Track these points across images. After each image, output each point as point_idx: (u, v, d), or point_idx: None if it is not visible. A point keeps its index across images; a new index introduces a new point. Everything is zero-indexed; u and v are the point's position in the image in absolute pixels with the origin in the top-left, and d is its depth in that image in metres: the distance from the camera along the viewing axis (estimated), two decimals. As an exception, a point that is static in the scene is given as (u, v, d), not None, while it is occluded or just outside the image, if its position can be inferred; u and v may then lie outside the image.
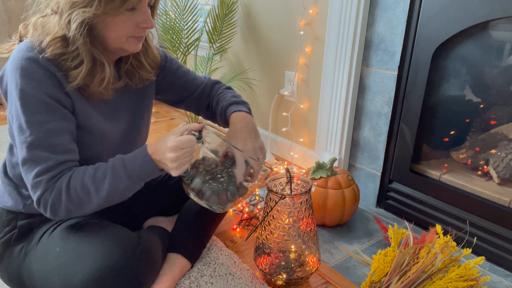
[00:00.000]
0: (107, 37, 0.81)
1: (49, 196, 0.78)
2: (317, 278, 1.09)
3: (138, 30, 0.82)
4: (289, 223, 0.98)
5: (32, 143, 0.77)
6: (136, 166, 0.80)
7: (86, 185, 0.78)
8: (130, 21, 0.80)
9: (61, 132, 0.79)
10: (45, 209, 0.80)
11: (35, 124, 0.77)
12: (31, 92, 0.76)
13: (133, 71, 0.94)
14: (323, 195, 1.27)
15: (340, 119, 1.50)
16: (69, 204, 0.79)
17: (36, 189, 0.78)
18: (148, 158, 0.80)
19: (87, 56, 0.79)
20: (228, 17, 1.88)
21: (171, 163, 0.78)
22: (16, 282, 0.89)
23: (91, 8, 0.74)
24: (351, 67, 1.41)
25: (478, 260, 0.93)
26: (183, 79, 1.09)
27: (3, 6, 2.36)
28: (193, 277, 1.05)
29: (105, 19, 0.77)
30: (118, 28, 0.79)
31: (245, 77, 1.98)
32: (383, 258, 0.96)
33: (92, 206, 0.81)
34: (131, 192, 0.83)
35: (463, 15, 1.12)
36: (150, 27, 0.83)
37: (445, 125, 1.36)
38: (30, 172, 0.78)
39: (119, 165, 0.80)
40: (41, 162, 0.77)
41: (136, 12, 0.80)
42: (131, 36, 0.82)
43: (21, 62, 0.76)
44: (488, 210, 1.17)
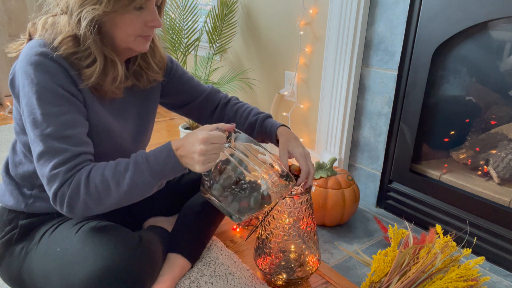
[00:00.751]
0: (115, 36, 0.81)
1: (67, 189, 0.75)
2: (317, 278, 1.09)
3: (146, 29, 0.83)
4: (289, 223, 0.98)
5: (48, 135, 0.76)
6: (160, 161, 0.78)
7: (106, 179, 0.76)
8: (138, 20, 0.80)
9: (76, 124, 0.79)
10: (61, 204, 0.77)
11: (51, 116, 0.76)
12: (47, 84, 0.76)
13: (140, 72, 0.94)
14: (323, 195, 1.27)
15: (340, 119, 1.50)
16: (87, 199, 0.76)
17: (53, 183, 0.76)
18: (172, 153, 0.78)
19: (99, 55, 0.80)
20: (228, 17, 1.88)
21: (199, 156, 0.75)
22: (16, 281, 0.89)
23: (101, 6, 0.75)
24: (351, 67, 1.41)
25: (478, 260, 0.93)
26: (188, 84, 1.09)
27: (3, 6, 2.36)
28: (193, 277, 1.05)
29: (113, 18, 0.78)
30: (126, 27, 0.80)
31: (245, 77, 1.98)
32: (383, 258, 0.96)
33: (111, 202, 0.78)
34: (152, 190, 0.81)
35: (463, 15, 1.12)
36: (158, 26, 0.84)
37: (445, 125, 1.36)
38: (46, 165, 0.76)
39: (142, 160, 0.78)
40: (58, 154, 0.76)
41: (144, 11, 0.80)
42: (139, 36, 0.83)
43: (34, 57, 0.76)
44: (488, 210, 1.17)
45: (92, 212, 0.80)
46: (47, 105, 0.76)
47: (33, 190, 0.90)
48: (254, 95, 2.01)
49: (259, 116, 1.08)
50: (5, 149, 1.91)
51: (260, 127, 1.06)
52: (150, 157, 0.78)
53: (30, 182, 0.89)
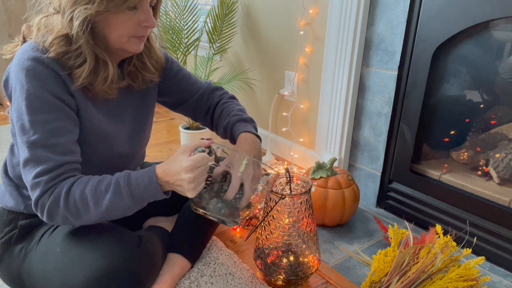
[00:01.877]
0: (108, 37, 0.81)
1: (46, 200, 0.76)
2: (317, 278, 1.09)
3: (140, 29, 0.82)
4: (289, 223, 0.98)
5: (34, 142, 0.76)
6: (140, 186, 0.78)
7: (86, 196, 0.77)
8: (131, 20, 0.80)
9: (63, 132, 0.79)
10: (42, 212, 0.78)
11: (38, 123, 0.76)
12: (36, 92, 0.76)
13: (136, 73, 0.93)
14: (323, 195, 1.27)
15: (340, 119, 1.50)
16: (66, 212, 0.77)
17: (35, 191, 0.77)
18: (154, 180, 0.78)
19: (90, 54, 0.79)
20: (228, 17, 1.88)
21: (188, 184, 0.75)
22: (16, 282, 0.89)
23: (93, 5, 0.74)
24: (351, 67, 1.41)
25: (478, 260, 0.93)
26: (183, 82, 1.08)
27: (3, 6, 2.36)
28: (193, 277, 1.05)
29: (106, 18, 0.77)
30: (120, 27, 0.79)
31: (245, 77, 1.98)
32: (383, 258, 0.96)
33: (90, 219, 0.79)
34: (131, 212, 0.81)
35: (463, 15, 1.12)
36: (152, 26, 0.83)
37: (445, 125, 1.36)
38: (30, 173, 0.77)
39: (123, 182, 0.78)
40: (42, 162, 0.76)
41: (137, 11, 0.80)
42: (133, 36, 0.82)
43: (26, 62, 0.76)
44: (488, 210, 1.17)
45: (72, 224, 0.82)
46: (35, 112, 0.76)
47: None
48: (254, 95, 2.01)
49: (230, 120, 1.04)
50: (5, 149, 1.91)
51: (230, 132, 1.04)
52: (132, 181, 0.78)
53: None
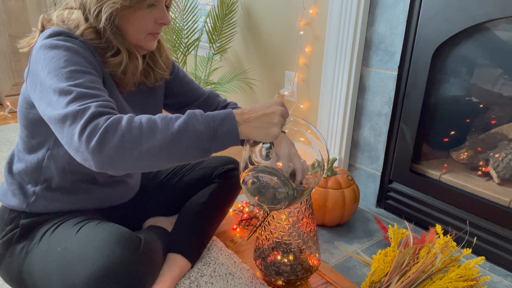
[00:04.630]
0: (127, 33, 0.85)
1: (103, 121, 0.64)
2: (317, 278, 1.09)
3: (156, 26, 0.87)
4: (289, 223, 0.98)
5: (77, 85, 0.70)
6: (217, 119, 0.71)
7: (154, 120, 0.68)
8: (149, 17, 0.85)
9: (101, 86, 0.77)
10: (90, 137, 0.64)
11: (80, 73, 0.73)
12: (77, 50, 0.77)
13: (148, 70, 0.97)
14: (323, 195, 1.27)
15: (340, 119, 1.50)
16: (126, 134, 0.64)
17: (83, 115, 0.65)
18: (232, 115, 0.72)
19: (122, 47, 0.84)
20: (228, 17, 1.88)
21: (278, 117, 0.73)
22: (16, 281, 0.89)
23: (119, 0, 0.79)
24: (351, 67, 1.41)
25: (478, 260, 0.93)
26: (188, 86, 1.12)
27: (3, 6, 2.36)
28: (193, 277, 1.05)
29: (127, 14, 0.82)
30: (138, 23, 0.84)
31: (245, 77, 1.98)
32: (383, 258, 0.96)
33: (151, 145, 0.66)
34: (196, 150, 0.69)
35: (463, 15, 1.12)
36: (167, 23, 0.88)
37: (445, 125, 1.36)
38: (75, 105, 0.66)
39: (199, 112, 0.72)
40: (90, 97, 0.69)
41: (154, 8, 0.85)
42: (149, 33, 0.87)
43: (62, 36, 0.78)
44: (488, 210, 1.17)
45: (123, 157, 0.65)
46: (76, 64, 0.74)
47: (37, 186, 0.90)
48: (254, 95, 2.01)
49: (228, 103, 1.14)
50: (5, 149, 1.91)
51: None
52: (209, 114, 0.72)
53: (34, 177, 0.89)
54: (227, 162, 1.20)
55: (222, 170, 1.17)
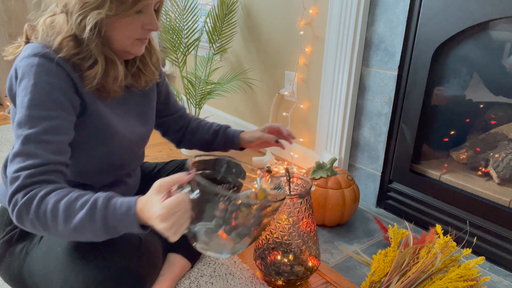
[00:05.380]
0: (114, 39, 0.82)
1: (20, 198, 0.71)
2: (317, 278, 1.09)
3: (143, 32, 0.84)
4: (289, 223, 0.98)
5: (28, 137, 0.74)
6: (117, 214, 0.70)
7: (58, 209, 0.70)
8: (136, 22, 0.81)
9: (61, 131, 0.78)
10: (12, 210, 0.72)
11: (37, 119, 0.75)
12: (43, 86, 0.75)
13: (138, 73, 0.95)
14: (323, 195, 1.27)
15: (340, 119, 1.50)
16: (35, 219, 0.71)
17: (13, 185, 0.72)
18: (132, 212, 0.69)
19: (100, 56, 0.80)
20: (228, 17, 1.88)
21: (167, 232, 0.66)
22: (17, 281, 0.89)
23: (104, 9, 0.75)
24: (351, 67, 1.41)
25: (478, 260, 0.93)
26: (170, 97, 1.13)
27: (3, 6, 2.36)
28: (193, 277, 1.05)
29: (113, 21, 0.79)
30: (125, 30, 0.81)
31: (245, 77, 1.98)
32: (383, 258, 0.96)
33: (57, 233, 0.72)
34: (100, 239, 0.73)
35: (463, 15, 1.12)
36: (156, 29, 0.84)
37: (445, 125, 1.36)
38: (14, 166, 0.73)
39: (101, 205, 0.70)
40: (30, 157, 0.73)
41: (142, 14, 0.81)
42: (137, 39, 0.84)
43: (37, 59, 0.75)
44: (488, 210, 1.17)
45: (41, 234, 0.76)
46: (38, 107, 0.75)
47: None
48: (254, 95, 2.01)
49: (221, 125, 1.17)
50: (5, 149, 1.91)
51: (224, 133, 1.15)
52: (110, 206, 0.70)
53: None
54: None
55: None
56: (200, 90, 1.89)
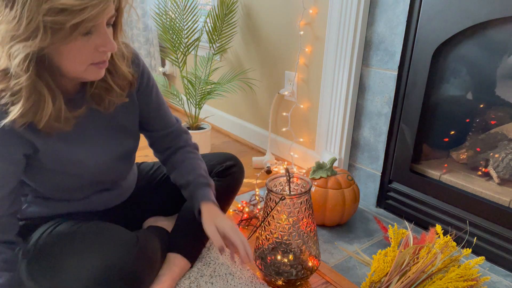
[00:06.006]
0: (62, 67, 0.70)
1: None
2: (317, 278, 1.09)
3: (98, 54, 0.71)
4: (289, 223, 0.98)
5: None
6: None
7: None
8: (86, 45, 0.68)
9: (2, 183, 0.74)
10: None
11: None
12: None
13: (101, 95, 0.82)
14: (323, 195, 1.27)
15: (340, 119, 1.50)
16: None
17: None
18: None
19: (27, 91, 0.68)
20: (228, 17, 1.88)
21: None
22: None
23: (35, 41, 0.62)
24: (351, 67, 1.41)
25: (478, 260, 0.93)
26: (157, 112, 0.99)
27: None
28: (193, 277, 1.05)
29: (56, 47, 0.66)
30: (73, 56, 0.68)
31: (245, 77, 1.98)
32: (383, 258, 0.96)
33: None
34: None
35: (463, 15, 1.12)
36: (111, 50, 0.71)
37: (445, 125, 1.36)
38: None
39: None
40: None
41: (93, 35, 0.68)
42: (91, 64, 0.71)
43: None
44: (488, 210, 1.17)
45: None
46: None
47: (27, 196, 0.90)
48: (254, 95, 2.01)
49: (197, 180, 0.99)
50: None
51: (192, 192, 0.99)
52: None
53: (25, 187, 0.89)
54: (226, 159, 1.19)
55: (221, 168, 1.16)
56: (200, 90, 1.89)
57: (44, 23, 0.61)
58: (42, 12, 0.61)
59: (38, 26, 0.62)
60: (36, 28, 0.62)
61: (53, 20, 0.61)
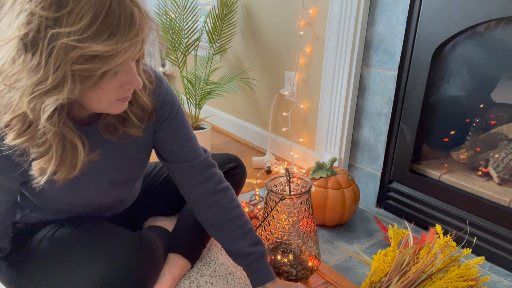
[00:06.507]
0: (86, 105, 0.67)
1: None
2: (317, 278, 1.09)
3: (123, 91, 0.67)
4: (289, 223, 0.98)
5: None
6: None
7: None
8: (112, 85, 0.64)
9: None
10: None
11: None
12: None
13: (115, 125, 0.76)
14: (323, 195, 1.27)
15: (340, 119, 1.50)
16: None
17: None
18: None
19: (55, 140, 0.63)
20: (228, 17, 1.88)
21: None
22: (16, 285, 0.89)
23: (63, 91, 0.58)
24: (351, 67, 1.41)
25: (478, 260, 0.93)
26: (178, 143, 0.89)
27: (3, 6, 2.36)
28: (193, 277, 1.05)
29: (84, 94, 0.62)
30: (99, 96, 0.64)
31: (245, 77, 1.98)
32: (383, 258, 0.96)
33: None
34: None
35: (463, 15, 1.12)
36: (137, 86, 0.67)
37: (445, 125, 1.36)
38: None
39: None
40: None
41: (118, 74, 0.64)
42: (116, 100, 0.67)
43: None
44: (488, 210, 1.17)
45: None
46: None
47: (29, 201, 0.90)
48: (254, 95, 2.01)
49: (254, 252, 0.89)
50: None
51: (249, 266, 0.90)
52: None
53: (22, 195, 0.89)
54: (229, 161, 1.19)
55: (223, 169, 1.16)
56: (200, 90, 1.89)
57: (72, 72, 0.57)
58: (71, 60, 0.56)
59: (65, 75, 0.57)
60: (63, 77, 0.57)
61: (82, 68, 0.57)
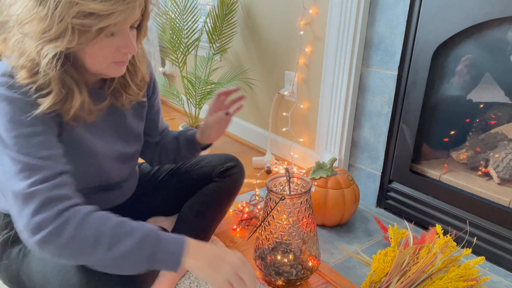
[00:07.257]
0: (85, 63, 0.74)
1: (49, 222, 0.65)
2: (317, 278, 1.09)
3: (119, 54, 0.75)
4: (289, 223, 0.98)
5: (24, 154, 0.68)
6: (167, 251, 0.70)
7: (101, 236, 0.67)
8: (109, 46, 0.72)
9: (52, 146, 0.73)
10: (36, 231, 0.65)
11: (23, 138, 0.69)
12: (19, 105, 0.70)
13: (120, 90, 0.87)
14: (323, 195, 1.27)
15: (340, 119, 1.50)
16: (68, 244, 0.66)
17: (29, 203, 0.65)
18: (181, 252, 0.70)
19: (56, 84, 0.72)
20: (228, 17, 1.88)
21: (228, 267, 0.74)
22: (15, 283, 0.89)
23: (63, 41, 0.66)
24: (351, 67, 1.41)
25: (478, 260, 0.93)
26: (158, 115, 1.06)
27: (3, 6, 2.36)
28: (193, 277, 1.05)
29: (82, 47, 0.70)
30: (96, 55, 0.72)
31: (245, 77, 1.98)
32: (383, 258, 0.96)
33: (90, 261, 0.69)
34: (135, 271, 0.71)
35: (463, 15, 1.12)
36: (132, 52, 0.75)
37: (445, 125, 1.36)
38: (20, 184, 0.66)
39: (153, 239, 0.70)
40: (36, 171, 0.68)
41: (115, 37, 0.72)
42: (112, 62, 0.75)
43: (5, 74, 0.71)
44: (488, 210, 1.17)
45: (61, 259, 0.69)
46: (19, 126, 0.69)
47: None
48: (254, 95, 2.01)
49: (180, 130, 1.12)
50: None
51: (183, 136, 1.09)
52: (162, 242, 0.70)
53: None
54: (227, 160, 1.19)
55: (221, 168, 1.16)
56: (200, 90, 1.89)
57: (72, 25, 0.65)
58: (72, 14, 0.64)
59: (66, 28, 0.65)
60: (65, 29, 0.65)
61: (81, 23, 0.65)
